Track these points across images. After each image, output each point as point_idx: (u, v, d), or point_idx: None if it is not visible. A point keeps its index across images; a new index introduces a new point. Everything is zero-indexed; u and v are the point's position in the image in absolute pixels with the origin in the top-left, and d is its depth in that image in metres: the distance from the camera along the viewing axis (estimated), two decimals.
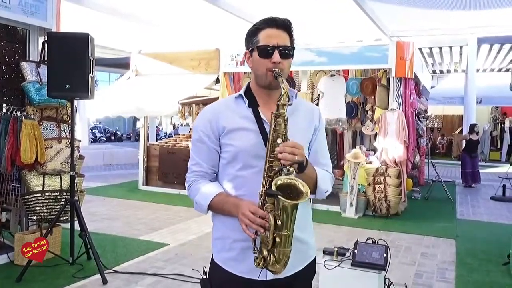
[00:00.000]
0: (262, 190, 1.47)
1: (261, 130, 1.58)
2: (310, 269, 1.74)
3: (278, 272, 1.47)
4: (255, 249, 1.47)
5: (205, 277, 1.74)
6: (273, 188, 1.40)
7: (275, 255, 1.43)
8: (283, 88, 1.48)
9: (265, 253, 1.44)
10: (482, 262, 4.87)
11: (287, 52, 1.57)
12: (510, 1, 6.64)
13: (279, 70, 1.54)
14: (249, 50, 1.62)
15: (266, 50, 1.55)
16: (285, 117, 1.48)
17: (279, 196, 1.38)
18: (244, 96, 1.64)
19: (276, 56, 1.54)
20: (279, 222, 1.41)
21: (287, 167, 1.43)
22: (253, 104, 1.62)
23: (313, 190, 1.62)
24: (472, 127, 10.87)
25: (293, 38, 1.62)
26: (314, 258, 1.76)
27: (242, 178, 1.59)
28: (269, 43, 1.55)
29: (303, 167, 1.48)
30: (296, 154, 1.42)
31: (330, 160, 1.82)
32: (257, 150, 1.56)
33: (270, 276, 1.55)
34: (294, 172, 1.46)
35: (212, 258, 1.70)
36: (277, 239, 1.42)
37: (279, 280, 1.57)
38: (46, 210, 4.44)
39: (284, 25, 1.58)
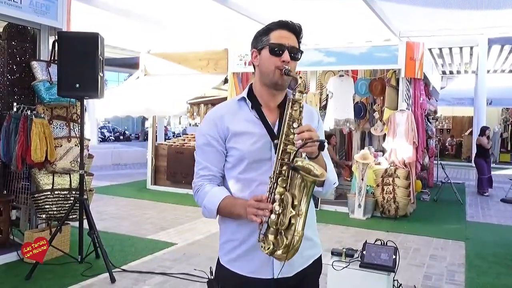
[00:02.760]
0: (274, 173, 1.47)
1: (268, 131, 1.60)
2: (317, 267, 1.75)
3: (284, 259, 1.43)
4: (260, 236, 1.47)
5: (211, 277, 1.74)
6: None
7: (287, 237, 1.42)
8: (300, 77, 1.55)
9: (273, 238, 1.44)
10: (492, 264, 4.83)
11: (295, 55, 1.61)
12: None
13: (289, 68, 1.57)
14: (258, 48, 1.64)
15: (277, 49, 1.58)
16: (301, 104, 1.52)
17: (300, 171, 1.40)
18: (247, 98, 1.66)
19: (286, 55, 1.58)
20: (296, 202, 1.41)
21: (301, 152, 1.45)
22: (256, 106, 1.65)
23: (322, 182, 1.60)
24: (483, 130, 10.09)
25: (300, 44, 1.66)
26: (320, 256, 1.77)
27: (244, 181, 1.61)
28: (280, 42, 1.59)
29: (323, 146, 1.49)
30: (313, 137, 1.45)
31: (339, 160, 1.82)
32: (260, 154, 1.59)
33: (278, 275, 1.56)
34: (306, 158, 1.49)
35: (218, 260, 1.72)
36: (293, 220, 1.41)
37: (287, 279, 1.59)
38: (55, 209, 4.47)
39: (295, 30, 1.63)
